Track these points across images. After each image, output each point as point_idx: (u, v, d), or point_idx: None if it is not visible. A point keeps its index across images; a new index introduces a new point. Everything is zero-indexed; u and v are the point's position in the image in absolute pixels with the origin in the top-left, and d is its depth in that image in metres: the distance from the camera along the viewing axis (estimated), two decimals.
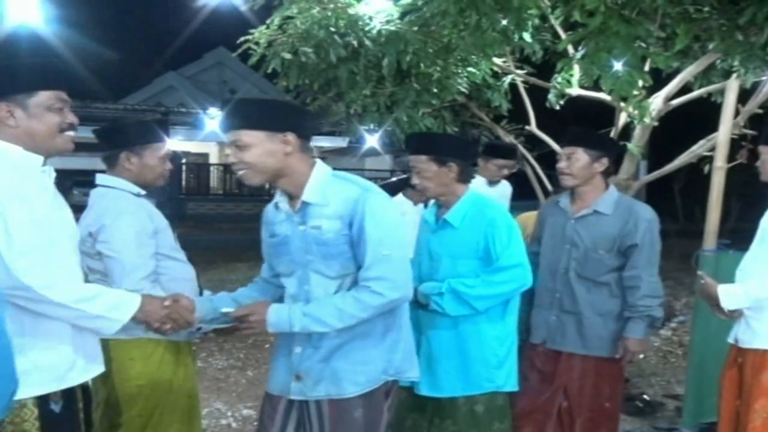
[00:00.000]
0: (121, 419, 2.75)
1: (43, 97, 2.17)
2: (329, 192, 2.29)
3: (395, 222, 2.33)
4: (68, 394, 2.18)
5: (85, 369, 2.23)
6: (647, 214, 3.17)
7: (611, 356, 3.17)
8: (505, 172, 4.77)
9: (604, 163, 3.20)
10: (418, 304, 2.88)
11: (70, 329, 2.15)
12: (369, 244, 2.23)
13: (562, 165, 3.24)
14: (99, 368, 2.30)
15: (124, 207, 2.70)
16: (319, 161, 2.36)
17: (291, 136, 2.25)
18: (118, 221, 2.66)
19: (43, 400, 2.12)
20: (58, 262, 2.12)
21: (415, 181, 3.01)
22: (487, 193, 3.89)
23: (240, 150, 2.24)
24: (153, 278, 2.69)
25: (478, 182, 4.47)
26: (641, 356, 3.16)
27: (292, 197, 2.35)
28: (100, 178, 2.81)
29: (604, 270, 3.16)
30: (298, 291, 2.36)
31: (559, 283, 3.24)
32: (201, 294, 2.84)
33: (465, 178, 3.02)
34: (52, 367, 2.12)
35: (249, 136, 2.23)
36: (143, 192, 2.80)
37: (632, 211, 3.16)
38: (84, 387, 2.27)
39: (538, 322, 3.30)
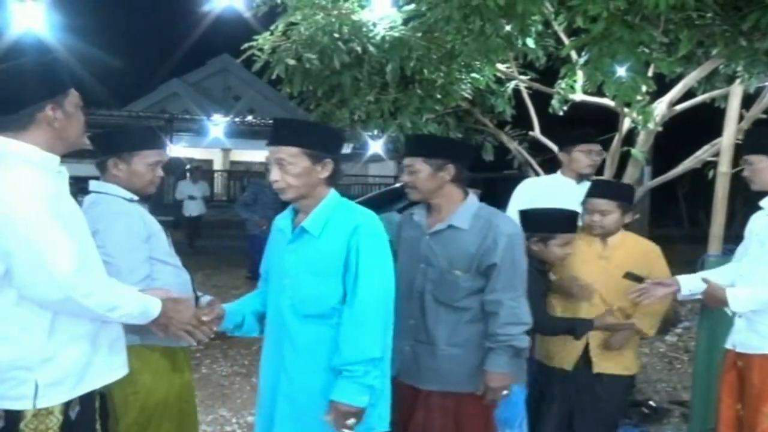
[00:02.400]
0: (118, 427, 2.75)
1: (73, 95, 2.15)
2: None
3: None
4: (85, 400, 2.17)
5: (107, 372, 2.24)
6: (508, 228, 2.79)
7: (473, 392, 2.77)
8: (595, 158, 4.02)
9: (451, 171, 2.79)
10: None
11: (94, 330, 2.16)
12: None
13: (405, 179, 2.86)
14: (122, 371, 2.31)
15: (116, 212, 2.72)
16: None
17: None
18: (112, 226, 2.67)
19: (67, 407, 2.11)
20: (93, 267, 2.13)
21: (274, 177, 2.42)
22: (575, 194, 3.32)
23: None
24: (147, 282, 2.71)
25: (566, 182, 3.99)
26: (504, 393, 2.71)
27: None
28: (93, 185, 2.83)
29: (462, 293, 2.77)
30: None
31: (415, 308, 2.83)
32: (197, 299, 2.86)
33: (334, 180, 2.50)
34: (77, 371, 2.12)
35: None
36: (136, 198, 2.82)
37: (491, 225, 2.76)
38: (102, 394, 2.27)
39: (393, 353, 2.70)
